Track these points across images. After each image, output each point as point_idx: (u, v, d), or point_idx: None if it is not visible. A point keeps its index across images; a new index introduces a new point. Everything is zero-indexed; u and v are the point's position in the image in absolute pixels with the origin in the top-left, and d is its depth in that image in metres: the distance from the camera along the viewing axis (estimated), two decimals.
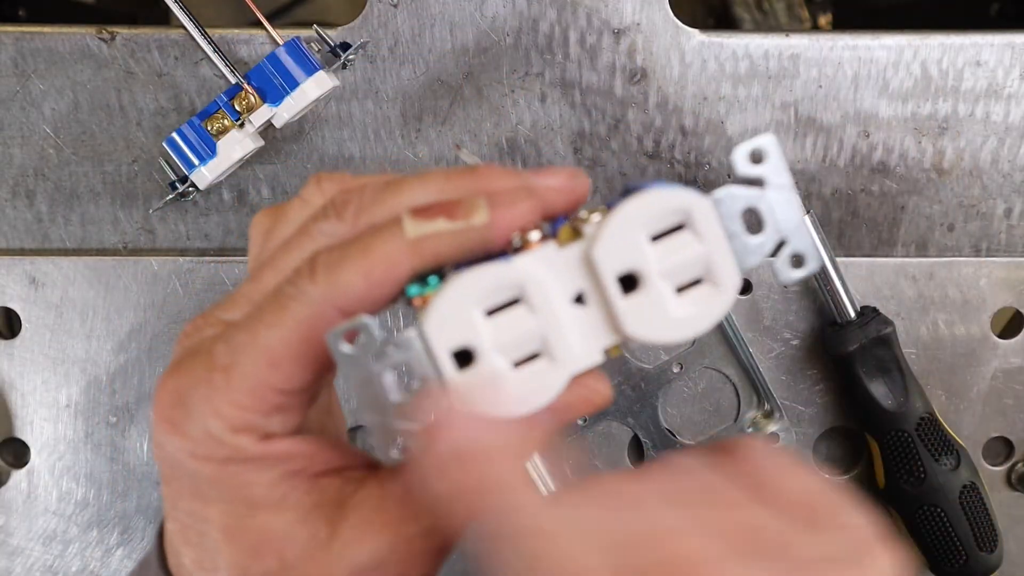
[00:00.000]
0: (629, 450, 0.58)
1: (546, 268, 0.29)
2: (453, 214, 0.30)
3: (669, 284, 0.29)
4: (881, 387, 0.54)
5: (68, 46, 0.54)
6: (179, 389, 0.30)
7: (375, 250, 0.29)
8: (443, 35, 0.54)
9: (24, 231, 0.56)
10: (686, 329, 0.29)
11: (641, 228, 0.29)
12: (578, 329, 0.29)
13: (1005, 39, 0.54)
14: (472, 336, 0.28)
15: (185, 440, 0.29)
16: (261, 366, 0.29)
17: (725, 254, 0.29)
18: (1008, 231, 0.57)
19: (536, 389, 0.29)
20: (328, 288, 0.29)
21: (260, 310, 0.30)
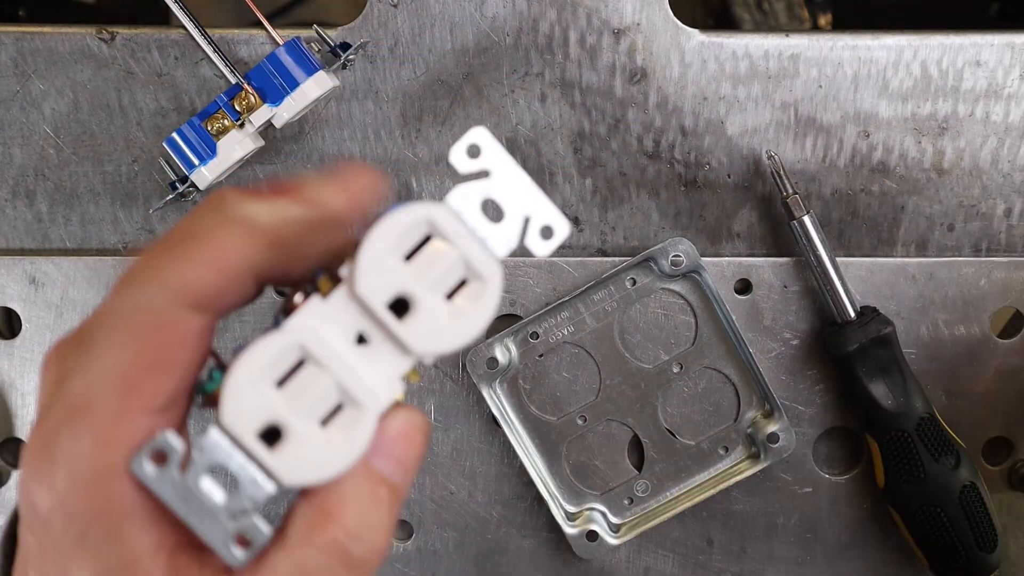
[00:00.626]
0: (629, 450, 0.58)
1: (319, 322, 0.29)
2: (294, 193, 0.29)
3: (437, 294, 0.30)
4: (881, 387, 0.54)
5: (68, 46, 0.54)
6: (44, 438, 0.27)
7: (213, 238, 0.28)
8: (443, 35, 0.54)
9: (24, 231, 0.56)
10: (469, 328, 0.30)
11: (391, 252, 0.29)
12: (370, 367, 0.29)
13: (1005, 39, 0.54)
14: (270, 412, 0.28)
15: (52, 493, 0.27)
16: (121, 394, 0.27)
17: (476, 248, 0.30)
18: (1008, 231, 0.57)
19: (351, 439, 0.29)
20: (163, 288, 0.27)
21: (104, 330, 0.27)
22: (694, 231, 0.57)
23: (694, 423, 0.58)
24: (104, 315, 0.27)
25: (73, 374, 0.27)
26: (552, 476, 0.58)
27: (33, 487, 0.27)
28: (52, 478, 0.27)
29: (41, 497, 0.27)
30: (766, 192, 0.56)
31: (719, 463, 0.58)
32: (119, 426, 0.27)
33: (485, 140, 0.30)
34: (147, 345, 0.27)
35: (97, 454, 0.27)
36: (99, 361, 0.27)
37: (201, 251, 0.27)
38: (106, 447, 0.27)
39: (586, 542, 0.57)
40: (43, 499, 0.27)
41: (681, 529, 0.59)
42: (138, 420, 0.27)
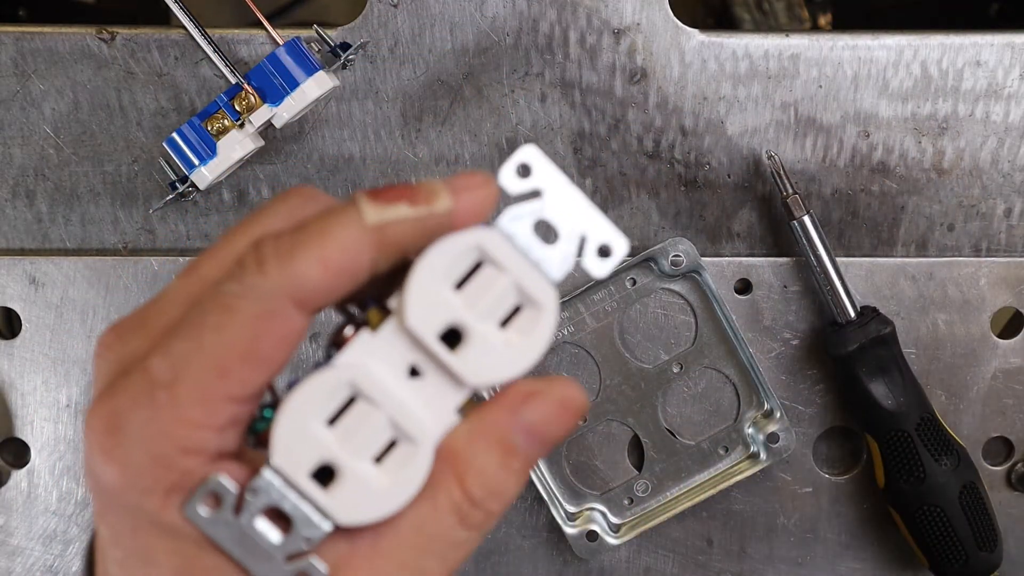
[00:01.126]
0: (629, 450, 0.58)
1: (369, 357, 0.28)
2: (415, 199, 0.28)
3: (491, 323, 0.29)
4: (881, 387, 0.54)
5: (68, 46, 0.54)
6: (114, 413, 0.27)
7: (332, 235, 0.27)
8: (443, 35, 0.54)
9: (24, 231, 0.56)
10: (525, 357, 0.29)
11: (441, 282, 0.28)
12: (423, 400, 0.29)
13: (1005, 39, 0.54)
14: (323, 451, 0.28)
15: (125, 470, 0.26)
16: (210, 376, 0.26)
17: (530, 274, 0.29)
18: (1008, 231, 0.57)
19: (406, 476, 0.28)
20: (281, 280, 0.26)
21: (201, 311, 0.27)
22: (694, 231, 0.57)
23: (694, 423, 0.58)
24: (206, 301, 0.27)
25: (153, 353, 0.27)
26: (552, 476, 0.58)
27: (102, 464, 0.27)
28: (125, 454, 0.26)
29: (111, 474, 0.27)
30: (766, 192, 0.56)
31: (719, 463, 0.58)
32: (205, 407, 0.26)
33: (536, 158, 0.29)
34: (248, 334, 0.26)
35: (179, 431, 0.26)
36: (191, 343, 0.26)
37: (317, 248, 0.27)
38: (188, 426, 0.26)
39: (586, 542, 0.57)
40: (113, 476, 0.27)
41: (681, 529, 0.59)
42: (222, 407, 0.27)
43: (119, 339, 0.28)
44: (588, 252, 0.30)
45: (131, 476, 0.26)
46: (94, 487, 0.28)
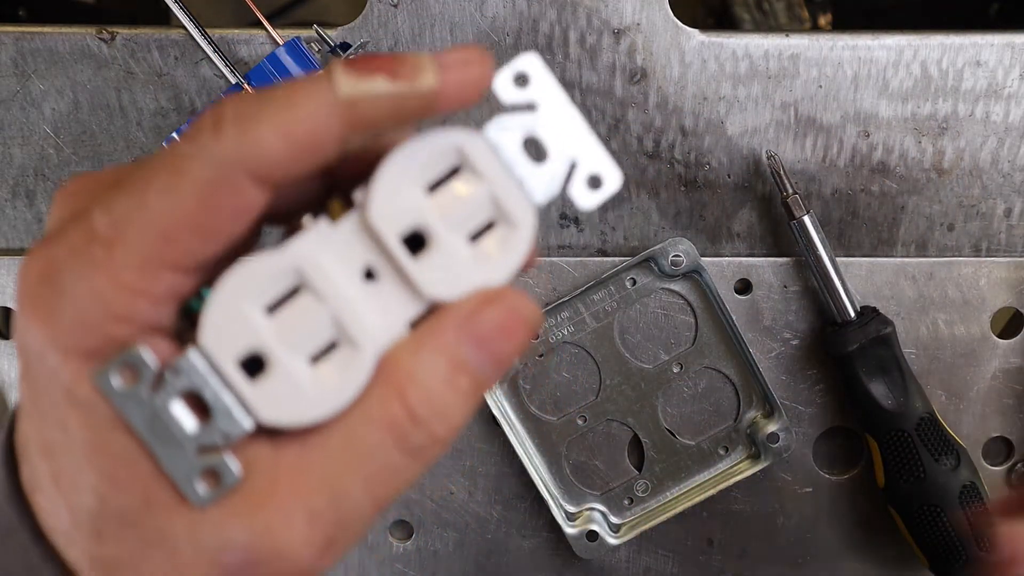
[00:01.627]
0: (629, 450, 0.58)
1: (324, 248, 0.26)
2: (396, 72, 0.25)
3: (460, 234, 0.26)
4: (881, 387, 0.54)
5: (68, 46, 0.54)
6: (50, 262, 0.24)
7: (298, 103, 0.24)
8: (443, 35, 0.54)
9: (24, 231, 0.56)
10: (490, 276, 0.27)
11: (413, 180, 0.26)
12: (374, 306, 0.26)
13: (1005, 39, 0.54)
14: (254, 339, 0.25)
15: (51, 326, 0.24)
16: (151, 240, 0.24)
17: (511, 189, 0.26)
18: (1008, 231, 0.57)
19: (342, 381, 0.26)
20: (237, 146, 0.24)
21: (151, 169, 0.24)
22: (694, 231, 0.57)
23: (694, 423, 0.58)
24: (156, 159, 0.25)
25: (98, 207, 0.24)
26: (552, 476, 0.58)
27: (28, 315, 0.24)
28: (52, 308, 0.24)
29: (34, 329, 0.24)
30: (766, 192, 0.56)
31: (719, 463, 0.58)
32: (143, 272, 0.24)
33: (536, 68, 0.27)
34: (196, 201, 0.24)
35: (110, 293, 0.24)
36: (135, 200, 0.24)
37: (280, 115, 0.24)
38: (122, 289, 0.24)
39: (586, 542, 0.57)
40: (36, 331, 0.24)
41: (681, 529, 0.59)
42: (161, 274, 0.24)
43: (84, 187, 0.26)
44: (577, 179, 0.27)
45: (54, 333, 0.24)
46: (18, 343, 0.25)
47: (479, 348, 0.26)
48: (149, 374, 0.25)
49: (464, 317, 0.26)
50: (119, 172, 0.26)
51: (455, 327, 0.26)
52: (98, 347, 0.24)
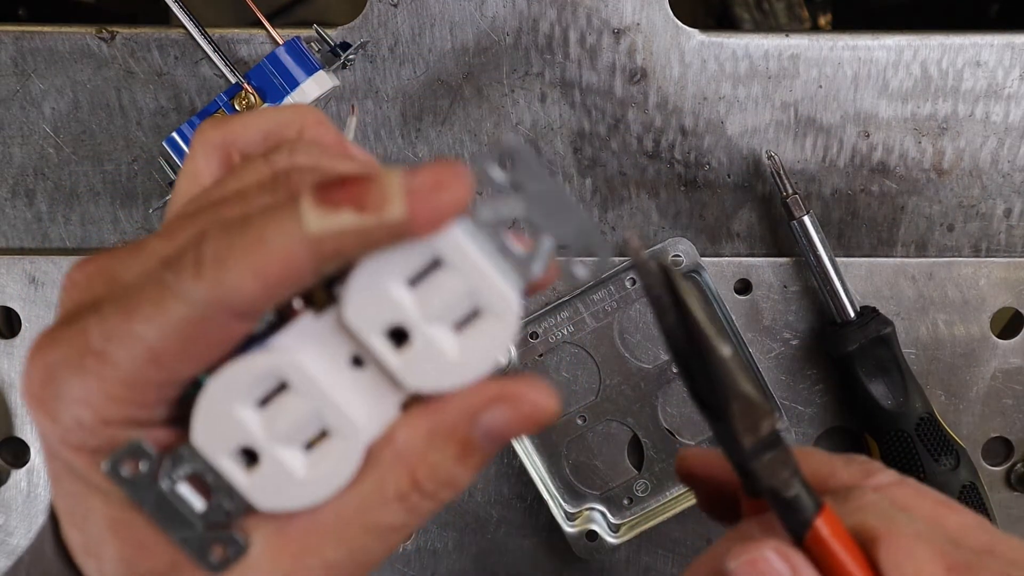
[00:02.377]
0: (629, 450, 0.58)
1: (308, 343, 0.27)
2: (363, 204, 0.25)
3: (442, 327, 0.27)
4: (881, 387, 0.54)
5: (68, 45, 0.54)
6: (49, 366, 0.26)
7: (268, 244, 0.25)
8: (443, 35, 0.54)
9: (24, 230, 0.56)
10: (474, 367, 0.27)
11: (391, 278, 0.26)
12: (363, 393, 0.27)
13: (1005, 39, 0.54)
14: (244, 436, 0.27)
15: (56, 425, 0.26)
16: (138, 359, 0.26)
17: (490, 282, 0.26)
18: (1008, 231, 0.57)
19: (333, 469, 0.27)
20: (214, 288, 0.25)
21: (139, 294, 0.26)
22: (694, 231, 0.57)
23: (694, 423, 0.58)
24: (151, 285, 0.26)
25: (94, 317, 0.26)
26: (552, 476, 0.58)
27: (36, 412, 0.27)
28: (54, 410, 0.26)
29: (44, 425, 0.27)
30: (766, 192, 0.56)
31: None
32: (131, 388, 0.26)
33: (520, 151, 0.27)
34: (178, 334, 0.25)
35: (101, 403, 0.26)
36: (124, 322, 0.26)
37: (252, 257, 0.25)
38: (112, 400, 0.26)
39: (586, 542, 0.57)
40: (45, 428, 0.27)
41: (681, 529, 0.59)
42: (147, 391, 0.26)
43: (86, 279, 0.28)
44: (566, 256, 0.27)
45: (60, 433, 0.26)
46: (38, 430, 0.28)
47: (489, 437, 0.28)
48: (152, 462, 0.26)
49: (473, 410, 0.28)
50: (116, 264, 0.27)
51: (468, 421, 0.28)
52: (100, 446, 0.26)
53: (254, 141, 0.31)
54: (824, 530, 0.30)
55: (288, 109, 0.32)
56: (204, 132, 0.31)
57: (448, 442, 0.28)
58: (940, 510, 0.32)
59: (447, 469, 0.28)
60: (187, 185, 0.31)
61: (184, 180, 0.31)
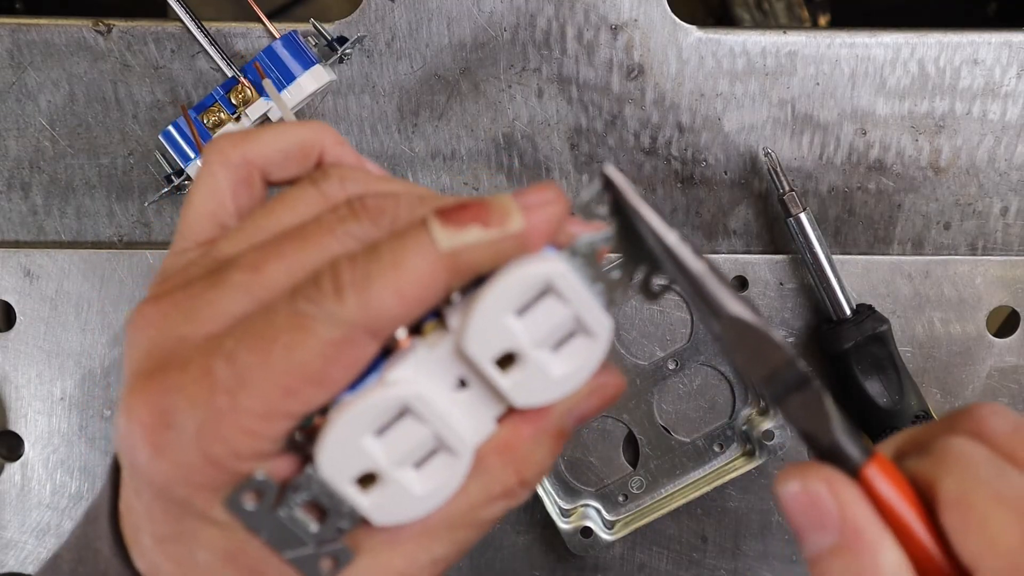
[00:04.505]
0: (624, 447, 0.58)
1: (423, 371, 0.29)
2: (486, 220, 0.28)
3: (545, 349, 0.29)
4: (876, 385, 0.54)
5: (64, 38, 0.54)
6: (167, 410, 0.27)
7: (407, 264, 0.27)
8: (440, 30, 0.54)
9: (19, 223, 0.56)
10: (571, 382, 0.30)
11: (505, 311, 0.28)
12: (467, 411, 0.29)
13: (1002, 38, 0.54)
14: (368, 463, 0.28)
15: (176, 468, 0.27)
16: (275, 393, 0.26)
17: (591, 308, 0.29)
18: (1004, 230, 0.57)
19: (443, 482, 0.29)
20: (358, 310, 0.26)
21: (272, 325, 0.27)
22: (690, 228, 0.57)
23: (689, 420, 0.58)
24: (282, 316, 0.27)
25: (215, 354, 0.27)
26: (547, 472, 0.58)
27: (150, 457, 0.27)
28: (177, 452, 0.26)
29: (160, 469, 0.27)
30: (763, 189, 0.56)
31: (714, 460, 0.58)
32: (267, 421, 0.27)
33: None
34: (319, 359, 0.26)
35: (236, 438, 0.26)
36: (258, 355, 0.26)
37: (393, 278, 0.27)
38: (247, 435, 0.27)
39: (580, 538, 0.57)
40: (162, 471, 0.27)
41: (675, 526, 0.59)
42: (283, 423, 0.27)
43: (164, 318, 0.28)
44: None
45: (182, 474, 0.27)
46: (132, 470, 0.28)
47: (579, 422, 0.31)
48: (272, 494, 0.28)
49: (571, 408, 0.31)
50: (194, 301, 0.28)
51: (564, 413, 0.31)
52: (224, 481, 0.27)
53: (275, 160, 0.32)
54: (877, 480, 0.27)
55: (305, 127, 0.32)
56: (222, 149, 0.31)
57: (546, 439, 0.30)
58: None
59: (547, 460, 0.31)
60: (206, 203, 0.31)
61: (201, 197, 0.31)
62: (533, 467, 0.30)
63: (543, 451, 0.30)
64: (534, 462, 0.30)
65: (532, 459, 0.30)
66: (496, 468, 0.30)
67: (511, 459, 0.30)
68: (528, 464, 0.30)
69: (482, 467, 0.30)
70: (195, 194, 0.31)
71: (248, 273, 0.28)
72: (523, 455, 0.30)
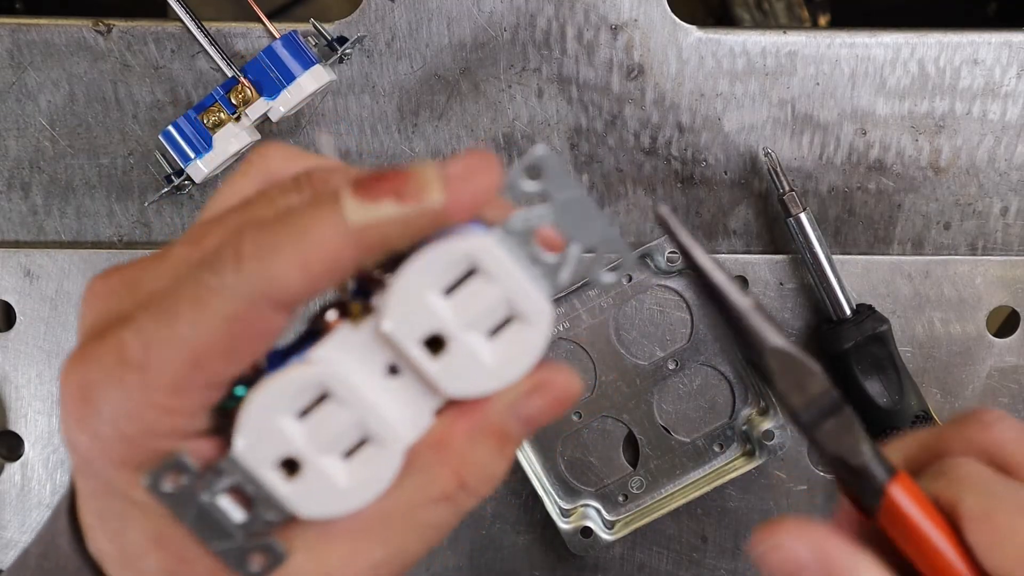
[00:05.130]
0: (624, 447, 0.58)
1: (346, 354, 0.27)
2: (401, 194, 0.26)
3: (477, 334, 0.28)
4: (876, 385, 0.54)
5: (64, 38, 0.54)
6: (86, 383, 0.26)
7: (312, 235, 0.25)
8: (440, 30, 0.54)
9: (19, 223, 0.56)
10: (507, 373, 0.28)
11: (428, 289, 0.27)
12: (400, 400, 0.28)
13: (1002, 38, 0.54)
14: (286, 446, 0.27)
15: (96, 442, 0.26)
16: (181, 364, 0.26)
17: (524, 289, 0.27)
18: (1004, 229, 0.57)
19: (373, 475, 0.28)
20: (257, 280, 0.25)
21: (177, 298, 0.26)
22: (690, 228, 0.57)
23: (689, 420, 0.58)
24: (187, 286, 0.26)
25: (129, 328, 0.26)
26: (547, 472, 0.58)
27: (74, 430, 0.27)
28: (95, 426, 0.26)
29: (83, 443, 0.27)
30: (763, 189, 0.56)
31: (714, 460, 0.58)
32: (176, 394, 0.26)
33: (549, 162, 0.27)
34: (222, 331, 0.26)
35: (147, 414, 0.26)
36: (164, 327, 0.26)
37: (296, 248, 0.26)
38: (158, 410, 0.26)
39: (580, 538, 0.57)
40: (84, 445, 0.27)
41: (675, 526, 0.59)
42: (193, 394, 0.26)
43: (109, 291, 0.28)
44: (592, 263, 0.28)
45: (100, 449, 0.26)
46: (68, 444, 0.27)
47: (525, 424, 0.29)
48: (193, 475, 0.27)
49: (512, 403, 0.28)
50: (140, 274, 0.27)
51: (503, 410, 0.28)
52: (143, 459, 0.26)
53: None
54: (900, 498, 0.28)
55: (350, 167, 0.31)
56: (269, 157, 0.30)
57: (487, 438, 0.28)
58: None
59: (489, 464, 0.29)
60: (228, 201, 0.30)
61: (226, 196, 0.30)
62: (474, 469, 0.28)
63: (484, 452, 0.28)
64: (475, 464, 0.28)
65: (472, 460, 0.28)
66: (432, 466, 0.28)
67: (447, 457, 0.28)
68: (468, 466, 0.28)
69: (418, 464, 0.28)
70: (223, 191, 0.30)
71: (188, 246, 0.27)
72: (460, 454, 0.28)
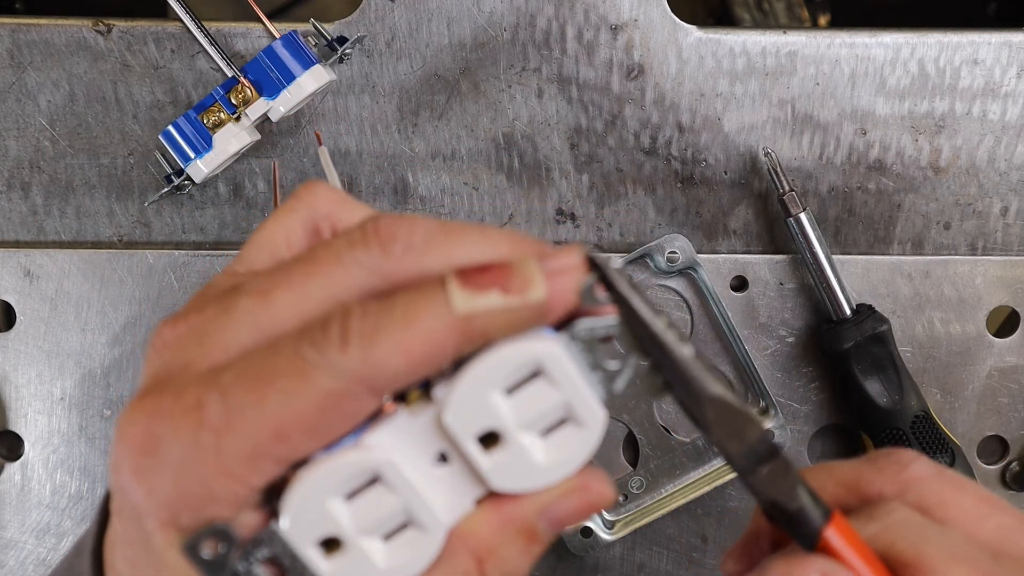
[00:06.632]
0: (624, 447, 0.58)
1: (401, 439, 0.28)
2: (507, 286, 0.26)
3: (531, 433, 0.28)
4: (876, 385, 0.54)
5: (64, 38, 0.54)
6: (152, 435, 0.26)
7: (418, 322, 0.26)
8: (440, 30, 0.54)
9: (19, 223, 0.56)
10: (556, 472, 0.28)
11: (492, 388, 0.27)
12: (445, 487, 0.28)
13: (1002, 38, 0.54)
14: (332, 527, 0.27)
15: (150, 496, 0.26)
16: (265, 438, 0.25)
17: (583, 396, 0.28)
18: (1004, 230, 0.57)
19: (411, 559, 0.28)
20: (361, 364, 0.25)
21: (272, 368, 0.26)
22: (690, 228, 0.57)
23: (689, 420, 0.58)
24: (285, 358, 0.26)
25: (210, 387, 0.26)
26: None
27: (130, 478, 0.26)
28: (153, 480, 0.26)
29: (136, 493, 0.26)
30: (763, 189, 0.56)
31: (714, 460, 0.58)
32: (251, 465, 0.26)
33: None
34: (316, 408, 0.26)
35: (215, 480, 0.26)
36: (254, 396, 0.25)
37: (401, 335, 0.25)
38: (227, 477, 0.26)
39: (580, 538, 0.57)
40: (138, 495, 0.26)
41: (675, 526, 0.59)
42: (267, 467, 0.26)
43: (178, 340, 0.27)
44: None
45: (153, 505, 0.26)
46: (117, 489, 0.27)
47: (553, 525, 0.29)
48: (234, 545, 0.27)
49: (545, 505, 0.28)
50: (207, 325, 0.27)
51: (536, 511, 0.28)
52: (191, 523, 0.26)
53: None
54: (835, 540, 0.28)
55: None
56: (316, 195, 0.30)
57: (516, 536, 0.28)
58: (981, 508, 0.30)
59: (513, 560, 0.28)
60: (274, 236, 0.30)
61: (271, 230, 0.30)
62: (498, 563, 0.28)
63: (511, 549, 0.28)
64: (500, 557, 0.28)
65: (499, 555, 0.28)
66: (458, 552, 0.28)
67: (475, 546, 0.28)
68: (492, 558, 0.28)
69: (446, 551, 0.28)
70: (269, 224, 0.30)
71: (255, 299, 0.27)
72: (488, 546, 0.28)
